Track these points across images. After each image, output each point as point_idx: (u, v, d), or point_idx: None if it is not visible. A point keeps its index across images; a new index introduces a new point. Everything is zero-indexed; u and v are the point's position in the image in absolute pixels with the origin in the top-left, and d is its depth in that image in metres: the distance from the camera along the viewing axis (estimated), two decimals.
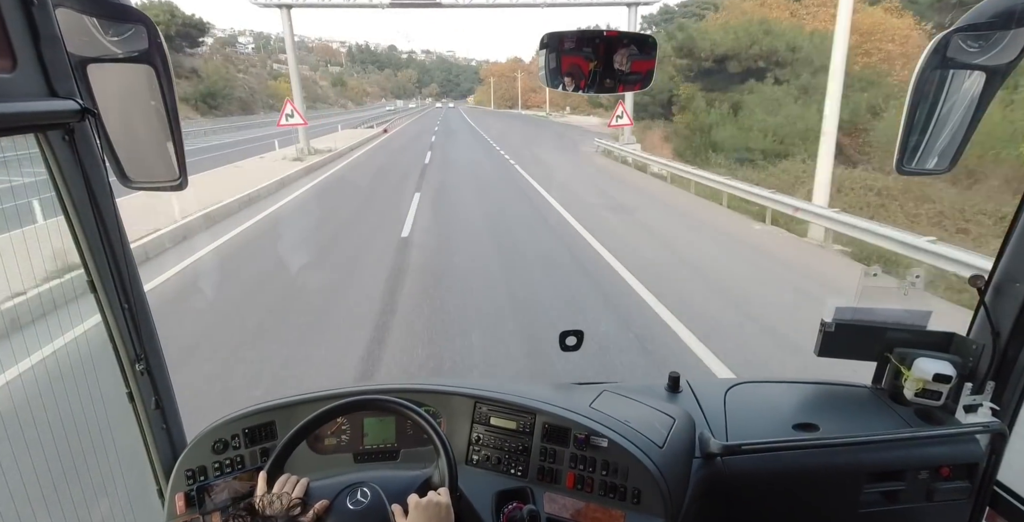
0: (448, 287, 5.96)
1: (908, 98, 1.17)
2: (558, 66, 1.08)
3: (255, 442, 1.35)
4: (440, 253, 7.34)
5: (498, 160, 18.86)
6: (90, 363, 1.22)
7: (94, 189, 1.02)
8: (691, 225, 9.57)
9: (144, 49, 0.91)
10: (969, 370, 1.43)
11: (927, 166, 1.25)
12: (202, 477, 1.30)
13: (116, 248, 1.09)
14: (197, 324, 4.99)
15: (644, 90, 1.16)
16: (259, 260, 7.37)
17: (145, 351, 1.20)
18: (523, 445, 1.33)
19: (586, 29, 1.07)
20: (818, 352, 1.57)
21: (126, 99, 0.96)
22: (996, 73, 1.15)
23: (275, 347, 4.50)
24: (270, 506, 0.90)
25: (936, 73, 1.16)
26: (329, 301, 5.55)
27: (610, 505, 1.25)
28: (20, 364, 1.57)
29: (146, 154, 1.00)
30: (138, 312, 1.16)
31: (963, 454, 1.40)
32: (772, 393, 1.65)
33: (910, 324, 1.51)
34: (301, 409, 1.33)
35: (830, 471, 1.38)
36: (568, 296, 5.75)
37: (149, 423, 1.26)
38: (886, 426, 1.44)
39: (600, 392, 1.46)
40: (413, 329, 4.74)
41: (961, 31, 1.10)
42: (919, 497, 1.41)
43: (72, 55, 0.89)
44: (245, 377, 3.93)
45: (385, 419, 1.41)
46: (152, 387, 1.24)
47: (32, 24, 0.82)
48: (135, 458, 1.31)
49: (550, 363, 4.08)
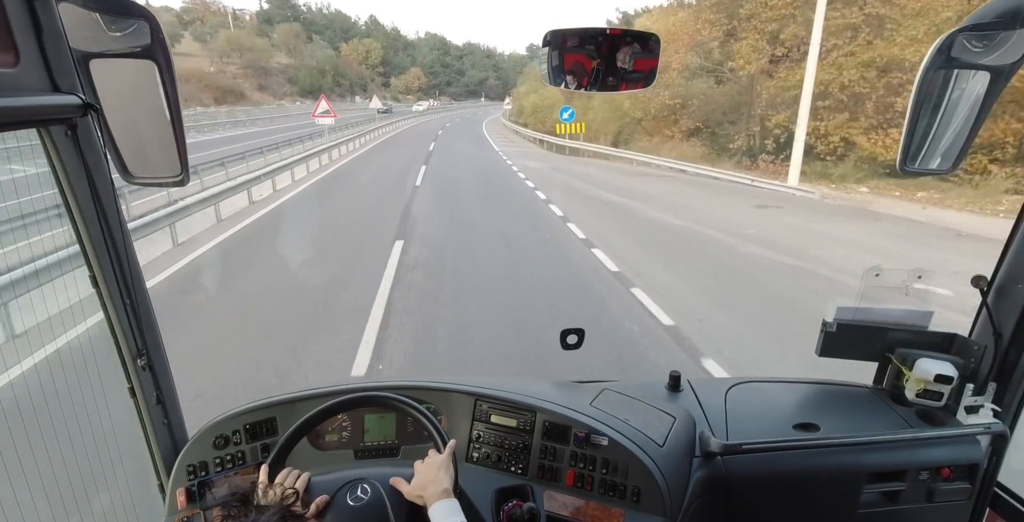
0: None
1: (912, 97, 1.16)
2: (560, 63, 1.08)
3: (256, 438, 1.35)
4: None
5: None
6: (92, 358, 1.22)
7: (96, 184, 1.02)
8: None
9: (146, 44, 0.91)
10: (971, 371, 1.43)
11: (930, 166, 1.25)
12: (203, 472, 1.30)
13: (118, 244, 1.09)
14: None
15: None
16: None
17: (147, 346, 1.21)
18: (523, 443, 1.33)
19: (589, 27, 1.06)
20: (819, 352, 1.56)
21: (128, 94, 0.96)
22: (1000, 73, 1.14)
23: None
24: (266, 496, 0.91)
25: (940, 73, 1.15)
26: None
27: (610, 503, 1.25)
28: (23, 359, 1.57)
29: (148, 150, 1.00)
30: (140, 307, 1.16)
31: (964, 455, 1.40)
32: (773, 393, 1.65)
33: (911, 324, 1.51)
34: (302, 405, 1.33)
35: (830, 471, 1.38)
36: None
37: (150, 418, 1.27)
38: (887, 427, 1.44)
39: (601, 390, 1.46)
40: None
41: (966, 31, 1.10)
42: (919, 498, 1.41)
43: (75, 50, 0.89)
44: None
45: (386, 416, 1.41)
46: (153, 382, 1.25)
47: (35, 19, 0.82)
48: (136, 453, 1.31)
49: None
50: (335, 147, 19.17)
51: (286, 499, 0.91)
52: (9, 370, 1.41)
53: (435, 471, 1.03)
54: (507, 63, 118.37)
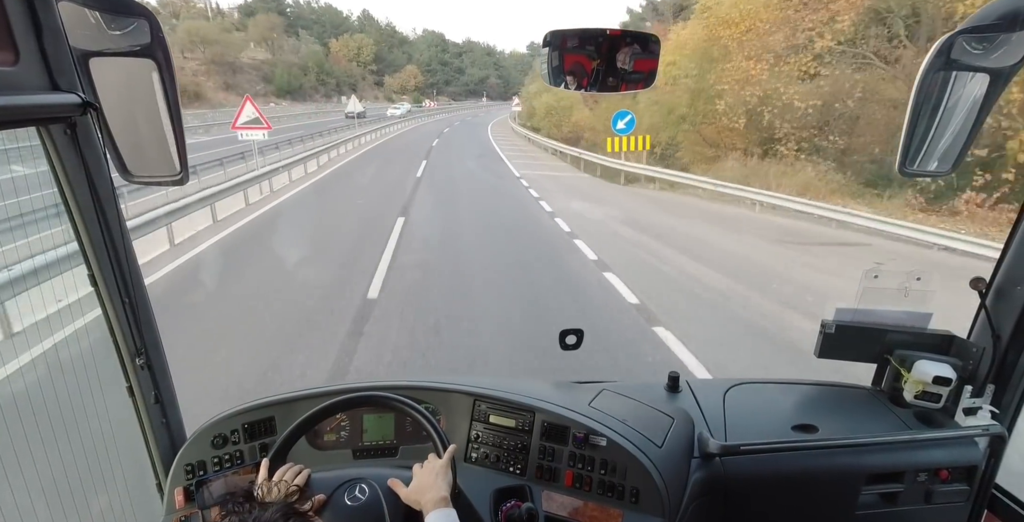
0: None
1: (911, 99, 1.16)
2: (560, 64, 1.08)
3: (254, 437, 1.35)
4: None
5: None
6: (91, 357, 1.22)
7: (95, 183, 1.02)
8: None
9: (146, 43, 0.91)
10: (969, 373, 1.43)
11: (929, 168, 1.25)
12: (201, 472, 1.30)
13: (117, 242, 1.09)
14: None
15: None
16: None
17: (145, 346, 1.20)
18: (522, 443, 1.33)
19: (589, 28, 1.06)
20: (818, 353, 1.56)
21: (128, 93, 0.96)
22: (1000, 75, 1.14)
23: None
24: (269, 493, 0.90)
25: (940, 75, 1.15)
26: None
27: (608, 504, 1.24)
28: (21, 358, 1.57)
29: (147, 148, 1.00)
30: (139, 306, 1.16)
31: (962, 457, 1.40)
32: (771, 394, 1.65)
33: (910, 326, 1.51)
34: (300, 405, 1.33)
35: (829, 472, 1.38)
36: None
37: (149, 417, 1.26)
38: (885, 428, 1.44)
39: (599, 391, 1.46)
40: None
41: (965, 33, 1.10)
42: (917, 499, 1.41)
43: (74, 49, 0.89)
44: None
45: (384, 416, 1.41)
46: (152, 382, 1.24)
47: (35, 17, 0.82)
48: (135, 452, 1.31)
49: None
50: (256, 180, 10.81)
51: (289, 496, 0.91)
52: (7, 368, 1.41)
53: (433, 477, 1.02)
54: (509, 61, 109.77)
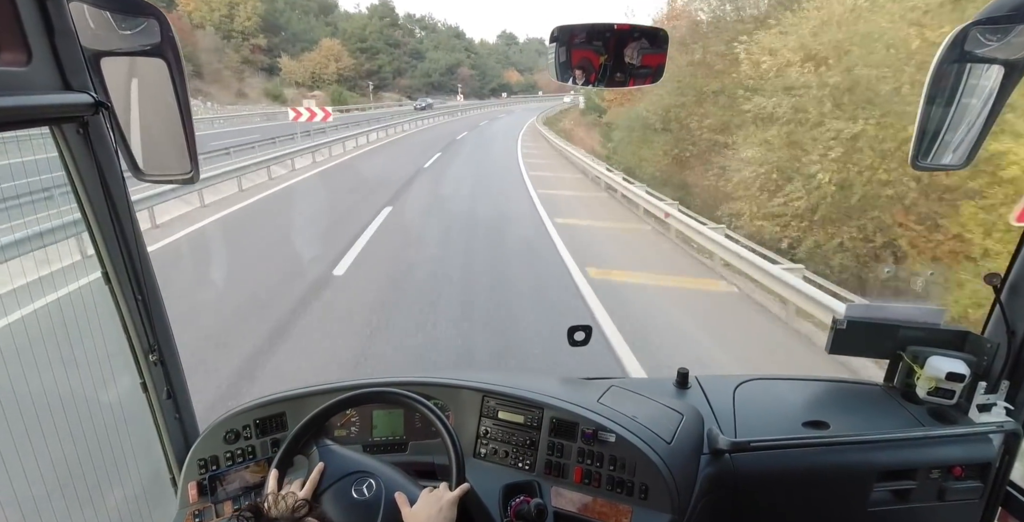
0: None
1: (924, 92, 1.14)
2: (568, 59, 1.07)
3: (266, 433, 1.37)
4: None
5: None
6: (105, 353, 1.24)
7: (108, 182, 1.03)
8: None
9: (156, 43, 0.91)
10: (983, 369, 1.41)
11: (943, 161, 1.23)
12: (214, 466, 1.32)
13: (130, 240, 1.11)
14: None
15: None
16: None
17: (158, 342, 1.22)
18: (531, 439, 1.33)
19: (596, 22, 1.05)
20: (829, 349, 1.55)
21: (139, 92, 0.97)
22: (1015, 67, 1.12)
23: None
24: (275, 506, 0.91)
25: (953, 67, 1.13)
26: None
27: (617, 500, 1.25)
28: (38, 358, 1.59)
29: (159, 147, 1.01)
30: (151, 303, 1.18)
31: (976, 454, 1.38)
32: (782, 390, 1.64)
33: (923, 322, 1.50)
34: (311, 401, 1.34)
35: (840, 469, 1.37)
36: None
37: (162, 413, 1.28)
38: (898, 425, 1.43)
39: (608, 387, 1.46)
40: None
41: (980, 24, 1.08)
42: (930, 496, 1.40)
43: (86, 49, 0.90)
44: None
45: (394, 412, 1.42)
46: (165, 377, 1.26)
47: (47, 18, 0.83)
48: (149, 447, 1.33)
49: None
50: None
51: (296, 510, 0.91)
52: (24, 366, 1.43)
53: (436, 510, 1.00)
54: (485, 50, 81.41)
